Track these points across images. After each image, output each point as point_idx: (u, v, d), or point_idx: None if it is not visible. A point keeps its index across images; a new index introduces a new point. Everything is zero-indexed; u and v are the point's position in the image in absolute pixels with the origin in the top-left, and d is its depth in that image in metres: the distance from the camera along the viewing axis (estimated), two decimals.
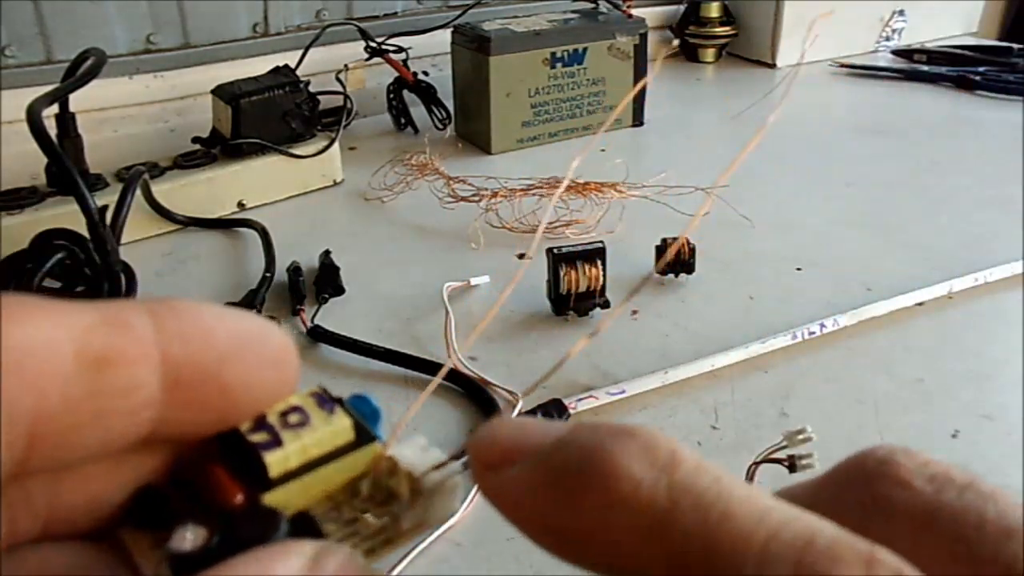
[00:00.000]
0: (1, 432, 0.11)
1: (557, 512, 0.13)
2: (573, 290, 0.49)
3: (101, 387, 0.12)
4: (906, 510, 0.13)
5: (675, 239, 0.54)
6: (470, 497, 0.37)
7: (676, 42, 1.04)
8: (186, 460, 0.14)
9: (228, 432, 0.14)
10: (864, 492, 0.14)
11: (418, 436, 0.15)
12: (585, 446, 0.13)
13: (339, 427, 0.14)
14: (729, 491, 0.12)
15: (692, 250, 0.54)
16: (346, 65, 0.77)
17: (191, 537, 0.13)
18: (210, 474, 0.14)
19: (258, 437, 0.14)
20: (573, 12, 0.81)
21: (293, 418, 0.14)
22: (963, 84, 0.94)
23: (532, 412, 0.42)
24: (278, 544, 0.13)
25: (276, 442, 0.14)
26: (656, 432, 0.13)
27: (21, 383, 0.11)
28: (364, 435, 0.15)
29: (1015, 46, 1.03)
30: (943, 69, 0.96)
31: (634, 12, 0.80)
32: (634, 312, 0.52)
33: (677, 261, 0.54)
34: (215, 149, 0.66)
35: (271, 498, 0.14)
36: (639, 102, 0.82)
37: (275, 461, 0.14)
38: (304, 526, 0.14)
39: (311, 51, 0.77)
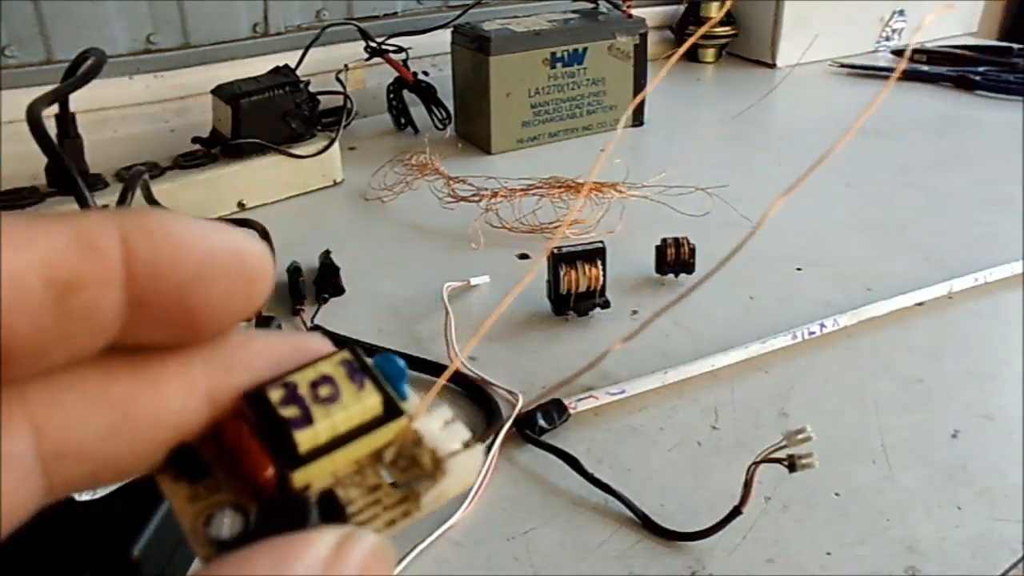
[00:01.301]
0: None
1: None
2: (573, 290, 0.49)
3: (67, 312, 0.12)
4: None
5: (675, 239, 0.54)
6: (470, 497, 0.37)
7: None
8: (221, 420, 0.15)
9: (257, 394, 0.14)
10: None
11: (443, 408, 0.15)
12: None
13: (368, 403, 0.15)
14: None
15: (692, 250, 0.54)
16: (346, 65, 0.77)
17: (228, 523, 0.14)
18: (243, 444, 0.14)
19: (289, 412, 0.14)
20: (573, 12, 0.81)
21: (323, 391, 0.15)
22: (963, 84, 0.94)
23: (532, 412, 0.42)
24: (305, 533, 0.13)
25: (307, 419, 0.14)
26: None
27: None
28: (392, 410, 0.15)
29: (1015, 46, 1.03)
30: (943, 69, 0.96)
31: (634, 12, 0.80)
32: (634, 312, 0.52)
33: (677, 261, 0.54)
34: (215, 149, 0.66)
35: (299, 474, 0.14)
36: (639, 103, 0.82)
37: (305, 439, 0.14)
38: (330, 507, 0.14)
39: (311, 51, 0.77)
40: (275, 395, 0.14)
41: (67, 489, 0.14)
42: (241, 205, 0.66)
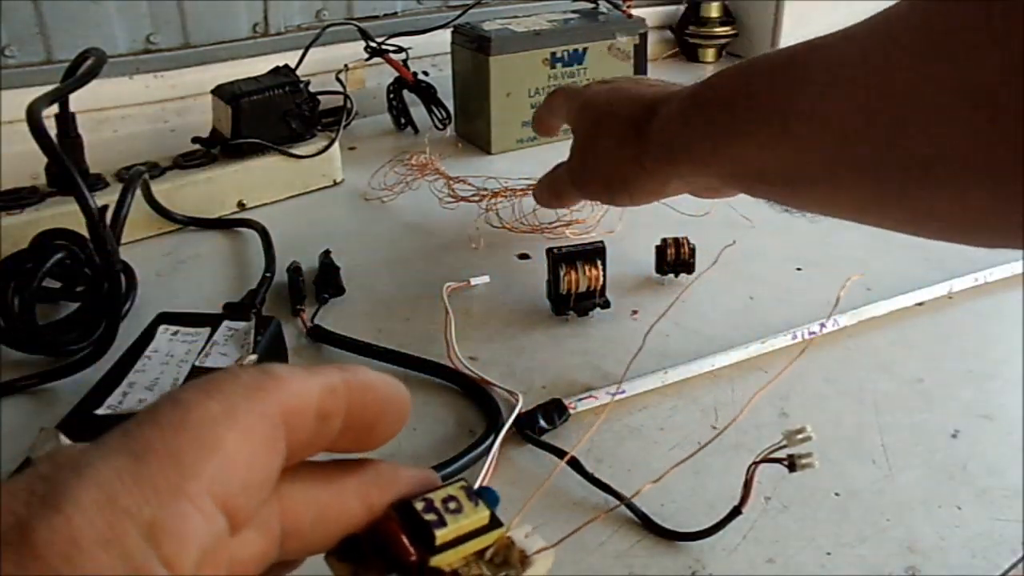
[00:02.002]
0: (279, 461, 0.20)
1: None
2: (573, 290, 0.49)
3: (321, 432, 0.20)
4: None
5: (675, 239, 0.54)
6: None
7: None
8: (377, 521, 0.21)
9: (404, 504, 0.21)
10: None
11: (526, 524, 0.23)
12: None
13: (481, 515, 0.22)
14: None
15: (692, 250, 0.54)
16: (346, 65, 0.77)
17: None
18: (394, 536, 0.21)
19: (430, 516, 0.21)
20: (573, 12, 0.81)
21: (452, 505, 0.21)
22: None
23: (532, 412, 0.42)
24: None
25: (441, 522, 0.21)
26: None
27: (295, 426, 0.19)
28: (495, 521, 0.22)
29: None
30: None
31: (634, 12, 0.80)
32: (634, 312, 0.52)
33: (677, 261, 0.54)
34: (215, 149, 0.66)
35: (435, 560, 0.20)
36: None
37: (441, 535, 0.21)
38: None
39: (311, 51, 0.77)
40: (419, 505, 0.21)
41: (281, 556, 0.21)
42: (241, 205, 0.66)
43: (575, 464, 0.39)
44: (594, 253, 0.49)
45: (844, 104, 0.32)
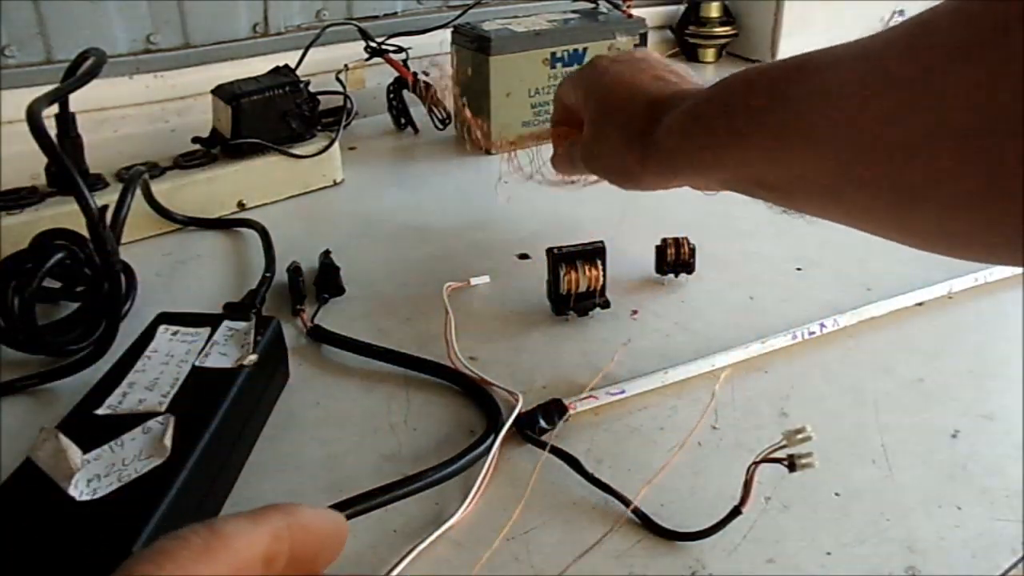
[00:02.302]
0: None
1: None
2: (573, 290, 0.49)
3: (267, 573, 0.21)
4: None
5: (675, 239, 0.54)
6: (470, 497, 0.37)
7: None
8: None
9: None
10: None
11: None
12: None
13: None
14: None
15: (692, 250, 0.54)
16: (346, 65, 0.77)
17: None
18: None
19: None
20: (573, 12, 0.81)
21: None
22: None
23: (532, 412, 0.42)
24: None
25: None
26: None
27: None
28: None
29: None
30: None
31: (634, 12, 0.80)
32: (634, 312, 0.52)
33: (677, 261, 0.54)
34: (215, 149, 0.66)
35: None
36: None
37: None
38: None
39: (311, 51, 0.77)
40: None
41: None
42: (241, 205, 0.66)
43: (575, 464, 0.39)
44: (594, 253, 0.49)
45: (838, 127, 0.33)
